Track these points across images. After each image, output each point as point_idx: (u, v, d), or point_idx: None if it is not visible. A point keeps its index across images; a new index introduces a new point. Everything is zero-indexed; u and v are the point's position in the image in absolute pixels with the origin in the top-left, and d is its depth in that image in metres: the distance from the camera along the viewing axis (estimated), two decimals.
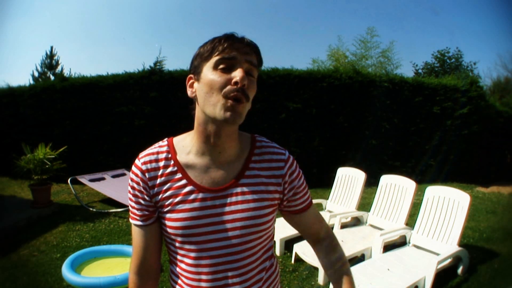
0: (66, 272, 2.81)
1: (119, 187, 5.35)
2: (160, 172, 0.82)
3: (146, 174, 0.82)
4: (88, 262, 3.17)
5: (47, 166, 4.73)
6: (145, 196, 0.82)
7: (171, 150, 0.84)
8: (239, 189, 0.82)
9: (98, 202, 5.32)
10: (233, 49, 0.75)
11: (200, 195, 0.80)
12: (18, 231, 4.00)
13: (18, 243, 3.67)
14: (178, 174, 0.82)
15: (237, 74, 0.74)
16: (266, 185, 0.85)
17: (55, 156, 4.87)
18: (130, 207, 0.86)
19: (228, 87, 0.74)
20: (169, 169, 0.82)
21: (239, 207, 0.81)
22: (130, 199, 0.84)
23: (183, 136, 0.87)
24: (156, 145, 0.86)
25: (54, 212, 4.75)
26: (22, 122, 7.41)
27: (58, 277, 2.89)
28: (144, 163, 0.82)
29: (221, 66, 0.75)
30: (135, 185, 0.83)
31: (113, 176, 5.76)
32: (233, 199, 0.81)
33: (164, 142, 0.86)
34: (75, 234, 3.94)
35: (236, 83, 0.74)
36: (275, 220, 0.90)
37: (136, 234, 0.86)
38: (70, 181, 5.28)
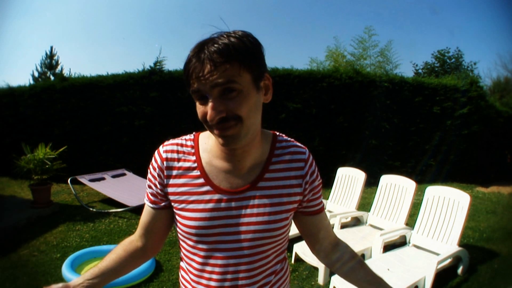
0: (66, 272, 2.82)
1: (119, 187, 5.35)
2: (179, 164, 0.82)
3: (165, 163, 0.82)
4: (88, 262, 3.17)
5: (47, 166, 4.72)
6: (157, 183, 0.83)
7: (196, 145, 0.83)
8: (257, 193, 0.80)
9: (98, 202, 5.32)
10: (196, 79, 0.69)
11: (216, 196, 0.79)
12: (18, 231, 3.99)
13: (18, 243, 3.66)
14: (197, 171, 0.81)
15: (207, 110, 0.70)
16: (286, 187, 0.82)
17: (55, 156, 4.87)
18: (146, 185, 0.88)
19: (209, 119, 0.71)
20: (189, 164, 0.81)
21: (255, 211, 0.79)
22: (148, 179, 0.86)
23: (208, 133, 0.83)
24: (183, 137, 0.86)
25: (54, 212, 4.74)
26: (22, 122, 7.40)
27: (58, 277, 2.89)
28: (166, 151, 0.83)
29: (197, 97, 0.72)
30: (152, 170, 0.84)
31: (113, 176, 5.75)
32: (250, 202, 0.79)
33: (191, 136, 0.86)
34: (75, 234, 3.93)
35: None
36: (291, 222, 0.88)
37: (145, 212, 0.89)
38: (70, 181, 5.28)
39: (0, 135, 7.56)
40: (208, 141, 0.83)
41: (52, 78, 19.53)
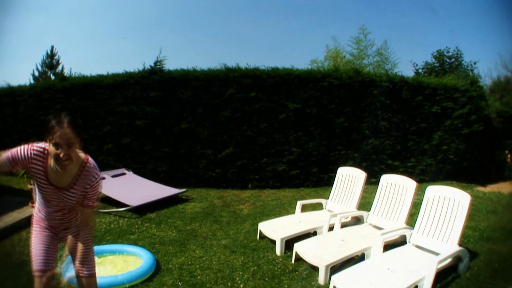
0: (66, 271, 2.82)
1: (119, 187, 5.35)
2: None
3: (33, 161, 1.82)
4: None
5: None
6: (23, 166, 1.89)
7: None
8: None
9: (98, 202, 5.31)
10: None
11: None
12: (18, 231, 3.99)
13: (18, 243, 3.66)
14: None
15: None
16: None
17: None
18: (11, 155, 1.88)
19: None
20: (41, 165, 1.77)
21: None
22: (18, 155, 1.89)
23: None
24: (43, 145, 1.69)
25: None
26: (22, 122, 7.41)
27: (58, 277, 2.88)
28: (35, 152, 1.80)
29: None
30: (22, 156, 1.86)
31: (113, 176, 5.75)
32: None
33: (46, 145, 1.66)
34: None
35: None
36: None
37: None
38: None
39: (0, 135, 7.56)
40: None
41: (52, 77, 19.52)
